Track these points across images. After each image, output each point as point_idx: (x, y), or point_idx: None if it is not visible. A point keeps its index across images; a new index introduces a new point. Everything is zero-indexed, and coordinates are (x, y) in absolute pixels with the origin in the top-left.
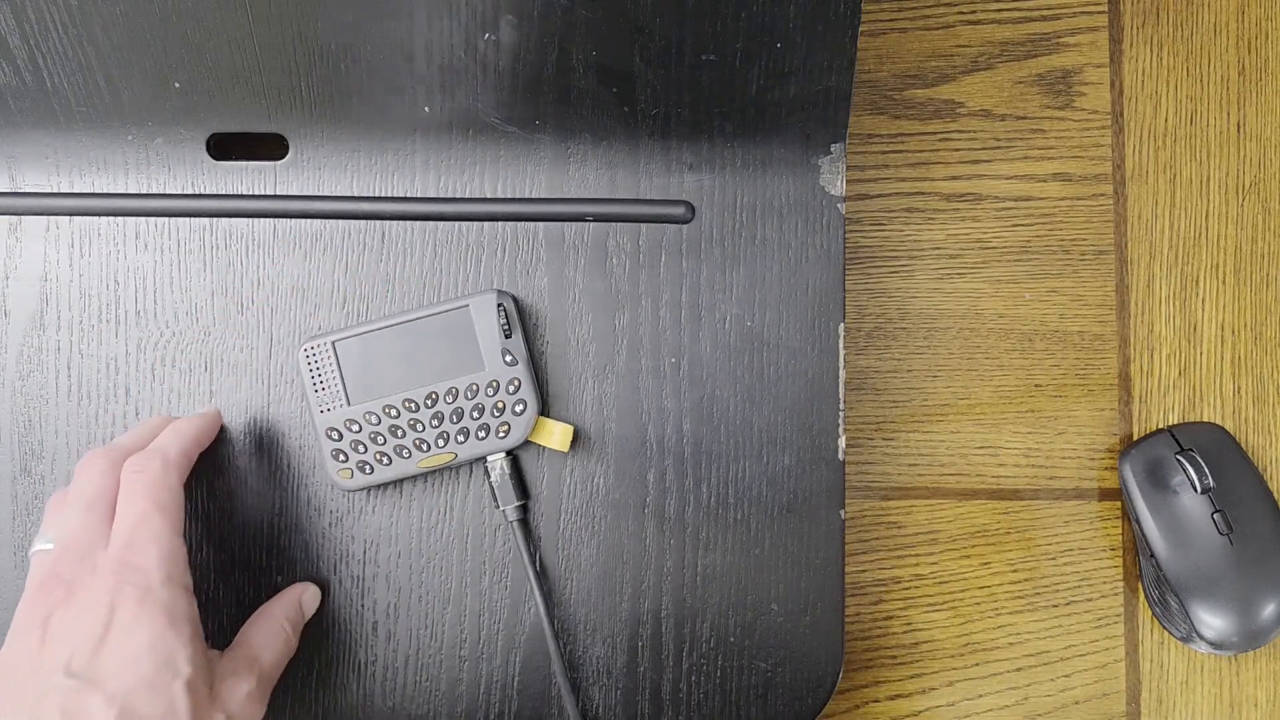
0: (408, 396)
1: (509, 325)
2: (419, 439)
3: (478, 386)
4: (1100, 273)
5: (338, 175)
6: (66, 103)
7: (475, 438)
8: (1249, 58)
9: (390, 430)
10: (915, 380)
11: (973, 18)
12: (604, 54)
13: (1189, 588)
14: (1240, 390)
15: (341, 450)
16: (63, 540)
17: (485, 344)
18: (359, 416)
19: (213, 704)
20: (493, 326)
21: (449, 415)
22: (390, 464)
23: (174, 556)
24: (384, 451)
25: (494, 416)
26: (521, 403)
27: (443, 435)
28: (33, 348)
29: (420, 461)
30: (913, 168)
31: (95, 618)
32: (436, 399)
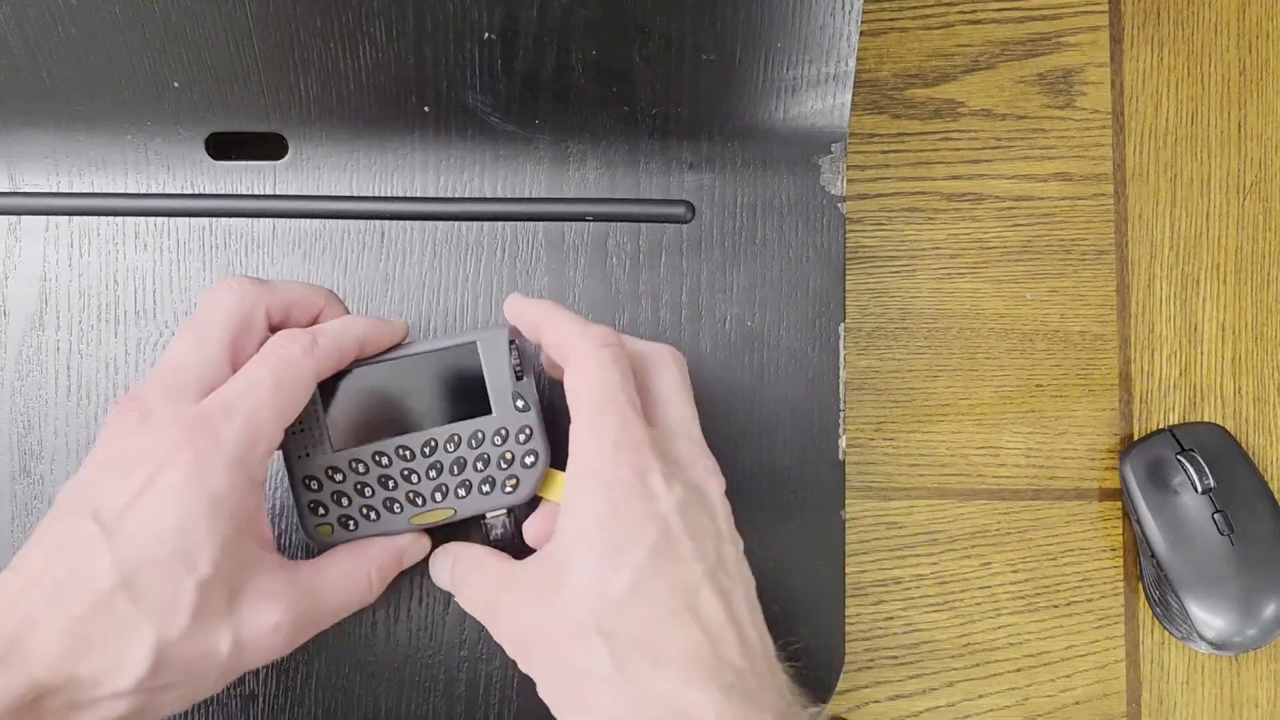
0: (402, 444)
1: (521, 366)
2: (412, 491)
3: (483, 434)
4: (1101, 273)
5: (337, 175)
6: (66, 102)
7: (478, 492)
8: (1250, 58)
9: (380, 481)
10: (916, 380)
11: (973, 17)
12: (604, 53)
13: (1189, 588)
14: (1241, 390)
15: (320, 502)
16: (166, 361)
17: (494, 386)
18: (343, 464)
19: (225, 617)
20: (503, 366)
21: (449, 466)
22: (377, 519)
23: (256, 441)
24: (371, 505)
25: (500, 469)
26: (532, 454)
27: (440, 488)
28: (32, 348)
29: (414, 517)
30: (913, 167)
31: (142, 471)
32: (435, 447)
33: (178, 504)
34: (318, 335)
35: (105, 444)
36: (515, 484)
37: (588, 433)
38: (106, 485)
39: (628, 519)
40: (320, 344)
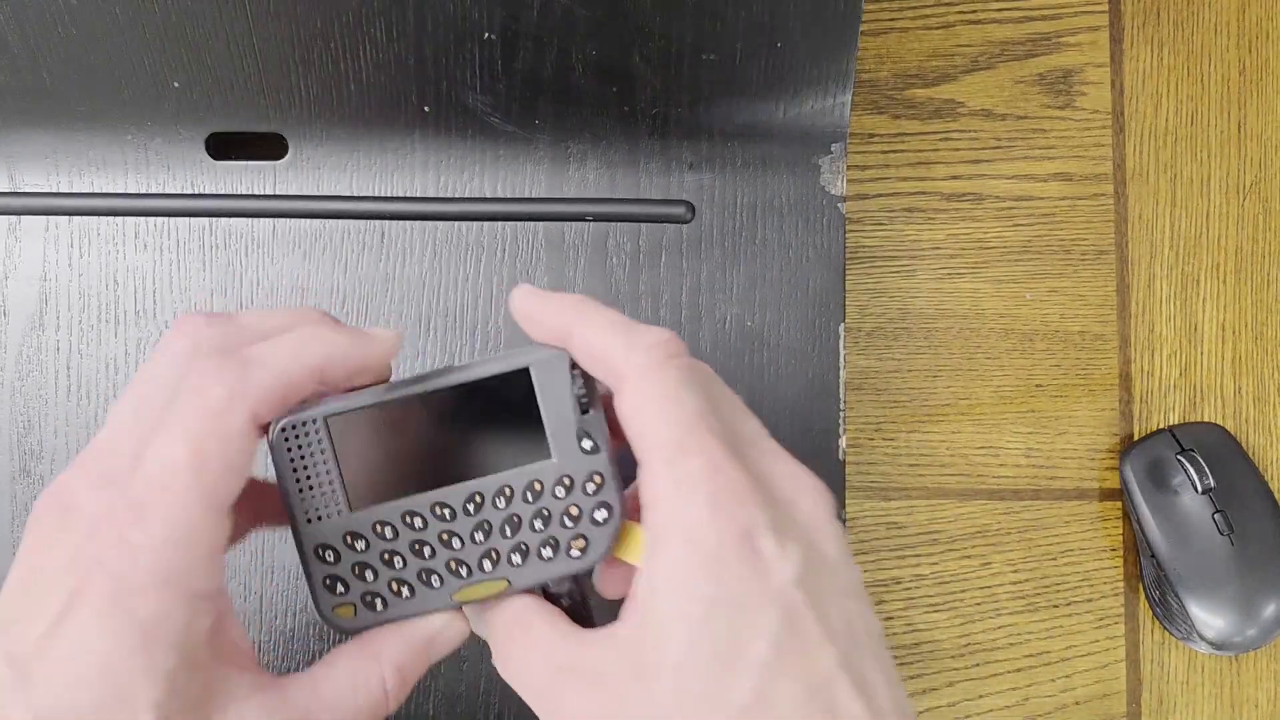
0: (440, 500)
1: (587, 395)
2: (455, 560)
3: (542, 485)
4: (1101, 273)
5: (337, 175)
6: (66, 102)
7: (538, 557)
8: (1249, 58)
9: (412, 548)
10: (916, 380)
11: (973, 17)
12: (603, 53)
13: (1190, 588)
14: (1241, 390)
15: (338, 578)
16: (97, 437)
17: (553, 422)
18: (365, 528)
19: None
20: (563, 397)
21: (500, 526)
22: (412, 596)
23: (188, 544)
24: (402, 579)
25: (565, 527)
26: (604, 507)
27: (490, 555)
28: (32, 348)
29: (457, 592)
30: (913, 167)
31: (58, 595)
32: (482, 502)
33: (101, 637)
34: (252, 364)
35: (23, 554)
36: (584, 546)
37: (669, 482)
38: (20, 614)
39: (740, 601)
40: (255, 378)
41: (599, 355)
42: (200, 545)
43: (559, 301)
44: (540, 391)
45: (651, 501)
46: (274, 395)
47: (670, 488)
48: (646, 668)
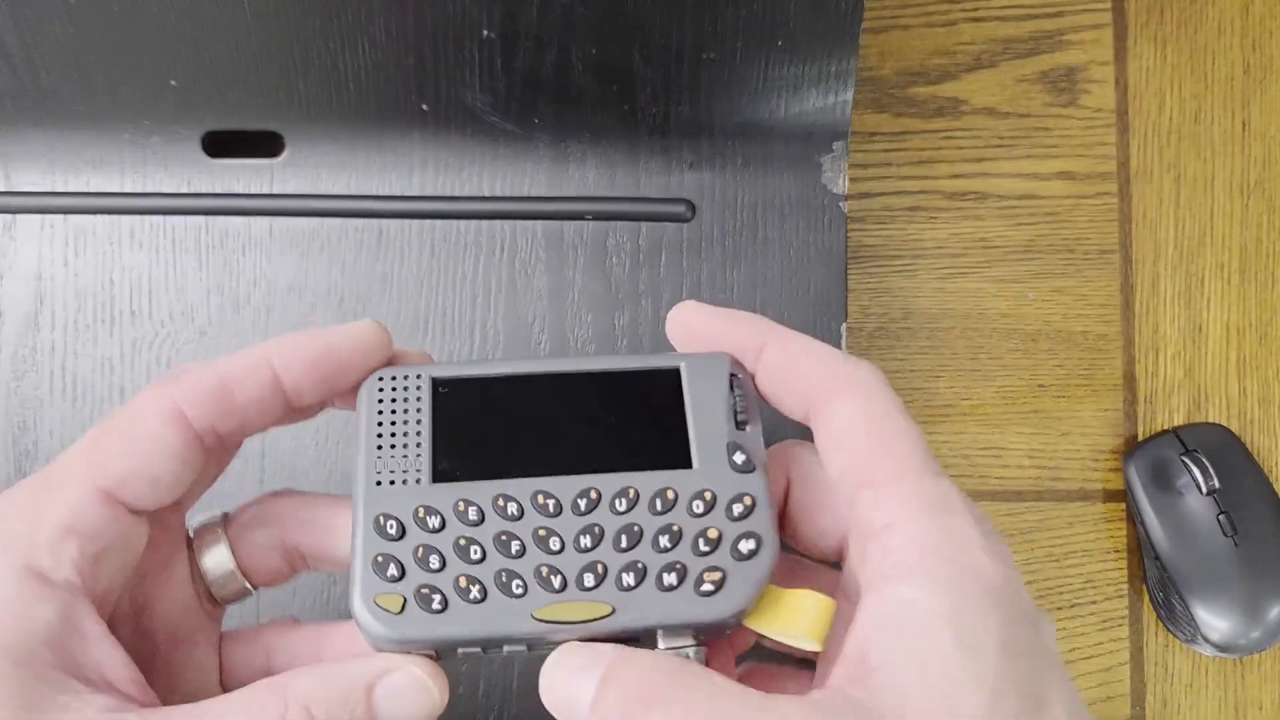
0: (544, 489)
1: (745, 408)
2: (549, 566)
3: (675, 495)
4: (1104, 272)
5: (335, 173)
6: (63, 101)
7: (656, 585)
8: (1254, 56)
9: (499, 540)
10: (918, 381)
11: (976, 15)
12: (603, 52)
13: (1194, 590)
14: (1246, 391)
15: (394, 558)
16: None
17: (700, 429)
18: (445, 505)
19: None
20: (717, 404)
21: (614, 536)
22: (482, 601)
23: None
24: (475, 577)
25: (698, 554)
26: (752, 539)
27: (595, 569)
28: (27, 348)
29: (541, 609)
30: (915, 166)
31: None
32: (597, 501)
33: None
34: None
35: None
36: (719, 582)
37: (917, 507)
38: None
39: (1035, 653)
40: (184, 375)
41: (804, 369)
42: (50, 521)
43: (742, 315)
44: (690, 394)
45: (892, 571)
46: (202, 387)
47: (923, 513)
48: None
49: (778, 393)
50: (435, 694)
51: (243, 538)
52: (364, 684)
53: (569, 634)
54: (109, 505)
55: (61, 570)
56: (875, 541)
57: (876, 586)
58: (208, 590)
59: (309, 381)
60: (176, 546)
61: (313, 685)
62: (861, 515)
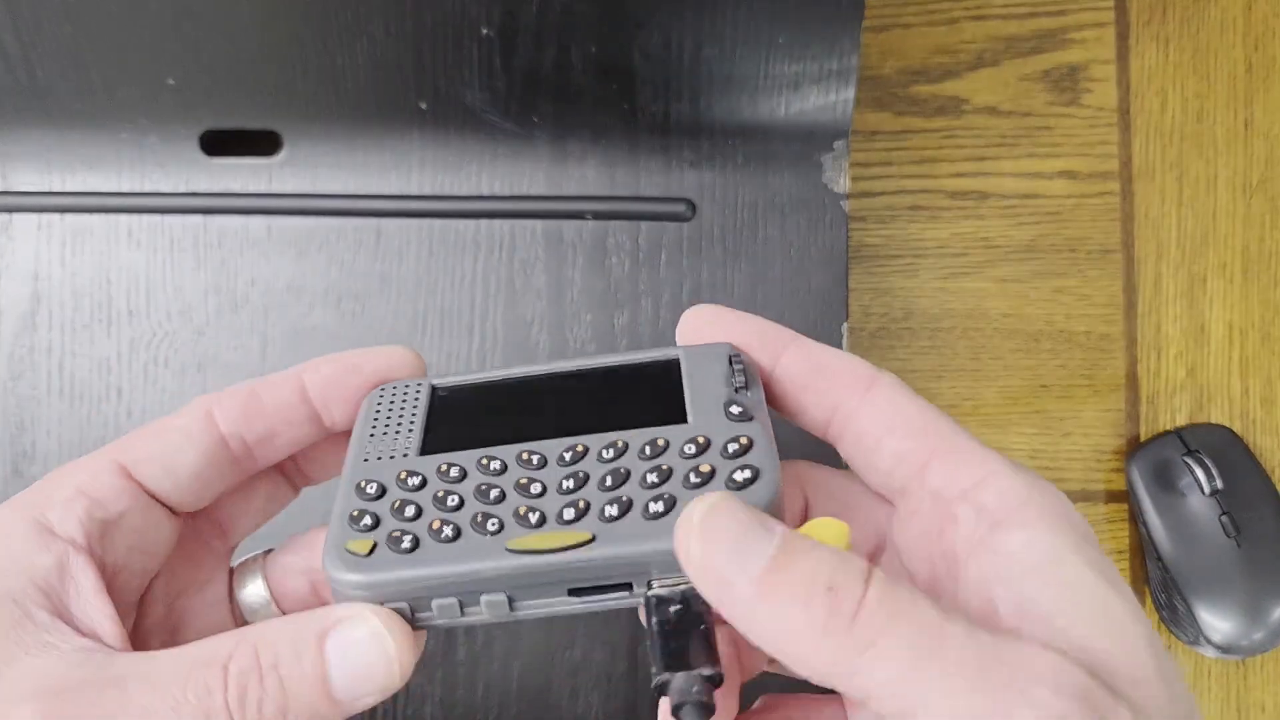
0: (532, 449)
1: (742, 377)
2: (528, 506)
3: (666, 443)
4: (1107, 272)
5: (332, 172)
6: (60, 100)
7: (642, 514)
8: (1256, 55)
9: (478, 491)
10: (920, 381)
11: (978, 13)
12: (603, 50)
13: (1196, 591)
14: (1248, 391)
15: (369, 512)
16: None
17: (695, 394)
18: (428, 469)
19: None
20: (717, 374)
21: (600, 479)
22: (455, 539)
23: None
24: (450, 520)
25: (689, 485)
26: (748, 470)
27: (576, 505)
28: (24, 348)
29: (515, 540)
30: (917, 165)
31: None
32: (584, 454)
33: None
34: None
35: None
36: None
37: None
38: None
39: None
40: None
41: (829, 369)
42: (66, 485)
43: (760, 319)
44: (688, 372)
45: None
46: (233, 392)
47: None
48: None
49: (798, 394)
50: (391, 649)
51: (276, 564)
52: (316, 630)
53: (545, 566)
54: (122, 478)
55: (66, 526)
56: (965, 503)
57: (983, 541)
58: (243, 619)
59: (335, 394)
60: (217, 570)
61: (271, 631)
62: (938, 484)
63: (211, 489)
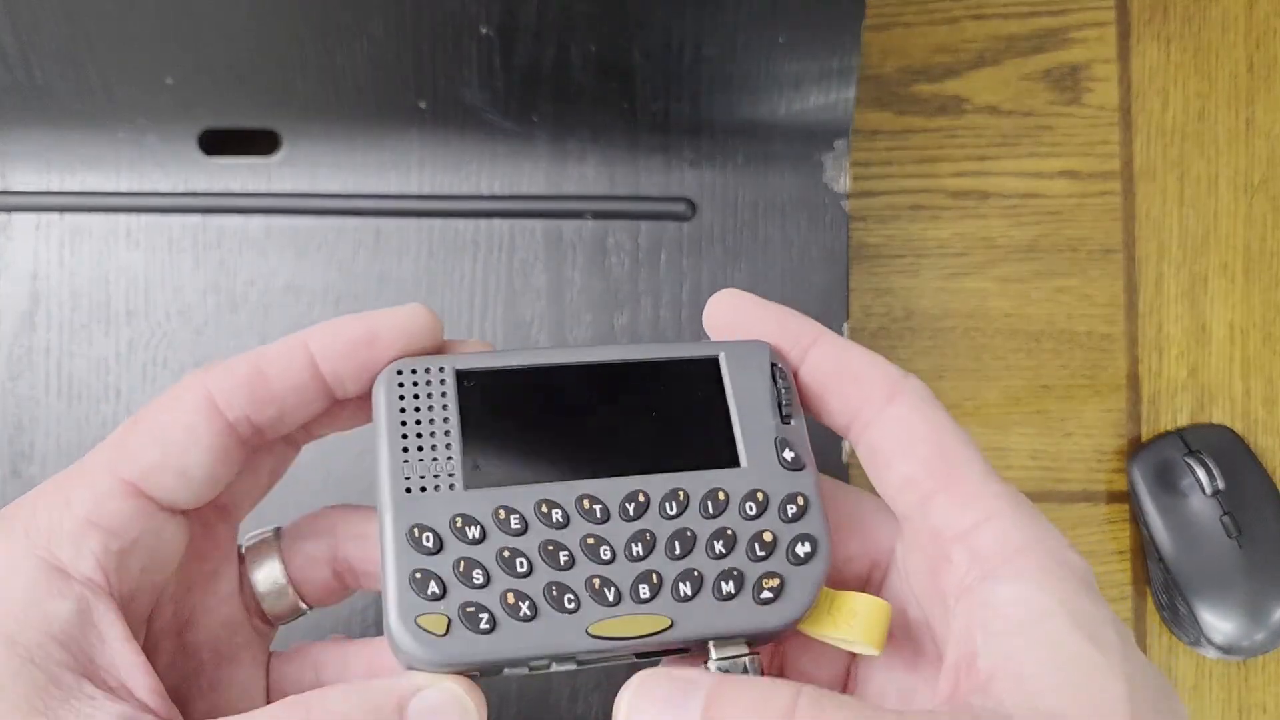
0: (589, 493)
1: (789, 401)
2: (601, 578)
3: (727, 497)
4: (1108, 271)
5: (331, 172)
6: (58, 99)
7: (714, 594)
8: (1258, 54)
9: (545, 550)
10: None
11: (979, 12)
12: (603, 49)
13: (1197, 592)
14: (1250, 391)
15: (433, 574)
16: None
17: (746, 423)
18: (484, 513)
19: None
20: (761, 397)
21: (667, 543)
22: (534, 618)
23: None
24: (524, 592)
25: (754, 559)
26: (808, 542)
27: (650, 579)
28: (23, 348)
29: (595, 624)
30: (918, 164)
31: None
32: (646, 506)
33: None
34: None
35: None
36: (777, 589)
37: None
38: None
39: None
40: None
41: (855, 371)
42: (72, 513)
43: (788, 310)
44: (732, 386)
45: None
46: (235, 373)
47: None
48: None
49: (822, 394)
50: (474, 713)
51: (294, 550)
52: (396, 701)
53: (625, 649)
54: (134, 499)
55: (82, 565)
56: (960, 545)
57: (972, 589)
58: (258, 607)
59: (349, 367)
60: (225, 558)
61: (340, 701)
62: (938, 521)
63: (223, 482)
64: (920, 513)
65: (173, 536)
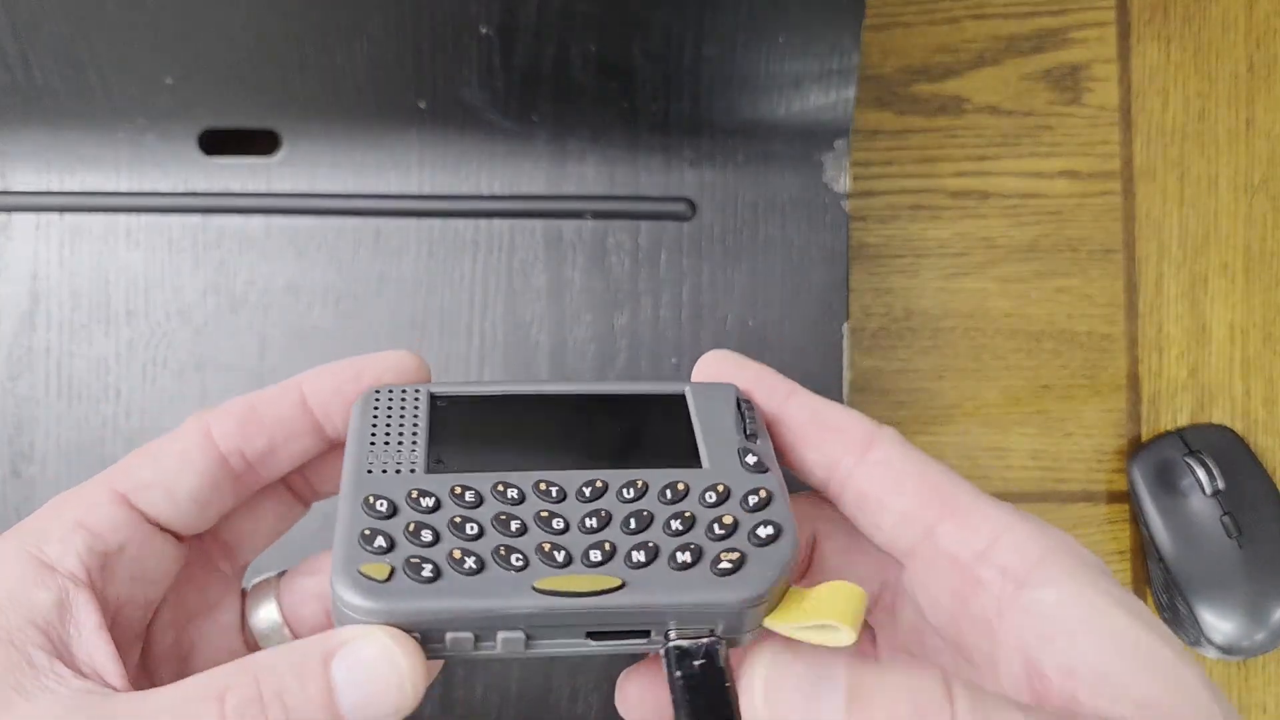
0: (547, 478)
1: (755, 427)
2: (552, 543)
3: (686, 488)
4: (1108, 271)
5: (331, 172)
6: (58, 99)
7: (670, 564)
8: (1258, 54)
9: (497, 521)
10: (921, 381)
11: (979, 12)
12: (603, 48)
13: (1198, 592)
14: (1250, 391)
15: (382, 531)
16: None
17: (708, 436)
18: (440, 489)
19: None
20: (726, 420)
21: (622, 520)
22: (479, 570)
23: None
24: (472, 550)
25: (713, 536)
26: (770, 526)
27: (602, 546)
28: (22, 348)
29: (543, 580)
30: (918, 164)
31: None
32: (604, 490)
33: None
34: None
35: None
36: (737, 562)
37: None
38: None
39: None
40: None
41: (832, 422)
42: (64, 516)
43: (770, 370)
44: (697, 412)
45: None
46: (231, 407)
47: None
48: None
49: (799, 446)
50: (403, 666)
51: (290, 587)
52: (320, 653)
53: (571, 610)
54: (122, 507)
55: (66, 561)
56: (985, 566)
57: (1013, 603)
58: (257, 645)
59: (336, 403)
60: (226, 593)
61: (269, 657)
62: (950, 548)
63: (214, 510)
64: (928, 544)
65: (162, 553)
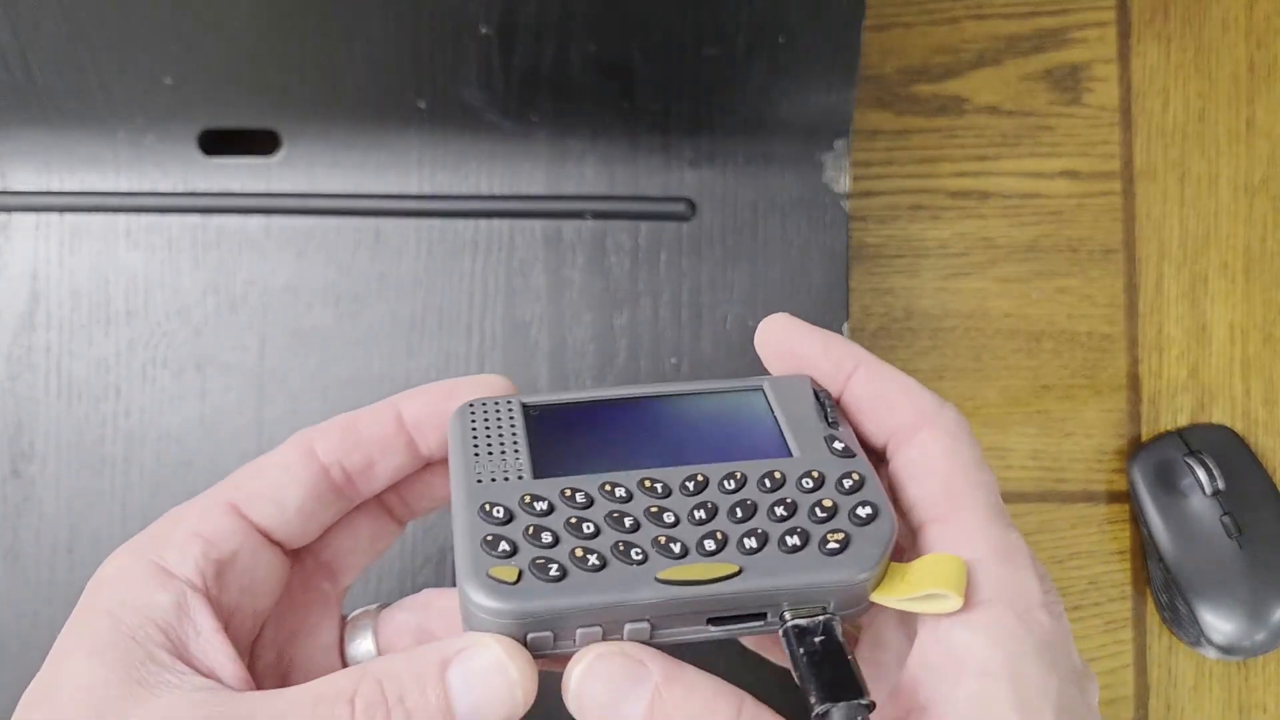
0: (650, 476)
1: (834, 413)
2: (667, 536)
3: (783, 476)
4: (1108, 271)
5: (331, 171)
6: (57, 100)
7: (780, 547)
8: (1259, 54)
9: (610, 519)
10: (921, 381)
11: (979, 12)
12: (603, 48)
13: (1198, 592)
14: (1250, 392)
15: (504, 537)
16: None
17: (793, 427)
18: (550, 493)
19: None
20: (806, 409)
21: (729, 509)
22: (602, 568)
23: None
24: (592, 548)
25: (815, 519)
26: (868, 506)
27: (714, 536)
28: (22, 348)
29: (665, 571)
30: (918, 164)
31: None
32: (705, 484)
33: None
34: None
35: None
36: (843, 542)
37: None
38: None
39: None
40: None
41: (894, 398)
42: (181, 526)
43: (836, 336)
44: (778, 403)
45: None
46: (331, 424)
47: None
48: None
49: (861, 416)
50: (514, 675)
51: (387, 620)
52: (438, 660)
53: (694, 597)
54: (235, 517)
55: (184, 568)
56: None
57: (932, 625)
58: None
59: (429, 421)
60: (326, 614)
61: (390, 664)
62: (924, 550)
63: (317, 521)
64: (911, 541)
65: (270, 564)
